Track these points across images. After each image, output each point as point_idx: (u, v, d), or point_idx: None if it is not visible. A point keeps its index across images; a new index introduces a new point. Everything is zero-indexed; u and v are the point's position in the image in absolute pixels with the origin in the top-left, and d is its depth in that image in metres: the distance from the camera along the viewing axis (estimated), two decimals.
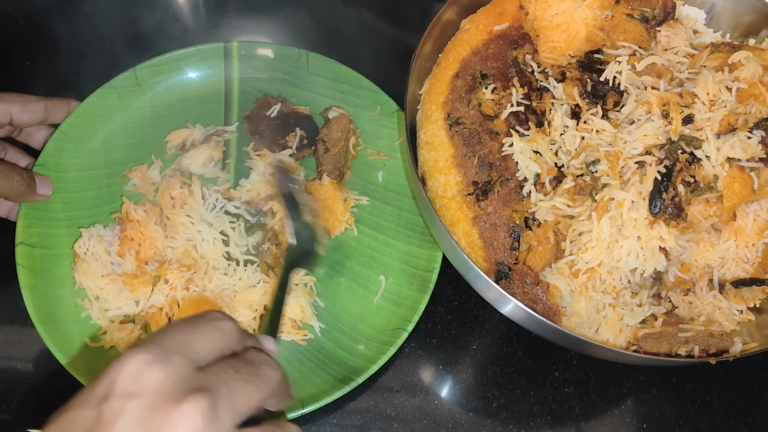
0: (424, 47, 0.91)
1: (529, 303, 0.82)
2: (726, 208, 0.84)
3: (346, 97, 1.12)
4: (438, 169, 0.87)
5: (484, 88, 0.88)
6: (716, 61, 0.91)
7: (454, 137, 0.86)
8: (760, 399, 0.99)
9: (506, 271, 0.83)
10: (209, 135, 1.06)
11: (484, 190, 0.84)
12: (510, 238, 0.83)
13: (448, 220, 0.86)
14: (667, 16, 0.96)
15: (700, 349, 0.81)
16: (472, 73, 0.89)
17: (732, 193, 0.83)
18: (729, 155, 0.83)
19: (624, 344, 0.84)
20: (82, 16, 1.26)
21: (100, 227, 0.97)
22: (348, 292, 1.00)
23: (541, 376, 0.98)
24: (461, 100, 0.88)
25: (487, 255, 0.84)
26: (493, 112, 0.88)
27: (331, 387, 0.90)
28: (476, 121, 0.87)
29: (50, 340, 0.88)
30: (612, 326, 0.84)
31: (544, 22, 0.96)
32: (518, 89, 0.88)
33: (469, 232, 0.84)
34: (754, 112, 0.86)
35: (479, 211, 0.84)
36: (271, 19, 1.31)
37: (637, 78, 0.88)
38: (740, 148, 0.83)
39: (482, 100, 0.88)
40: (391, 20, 1.30)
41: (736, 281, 0.88)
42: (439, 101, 0.89)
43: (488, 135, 0.86)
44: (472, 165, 0.85)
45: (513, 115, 0.87)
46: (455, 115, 0.88)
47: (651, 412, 0.97)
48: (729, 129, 0.85)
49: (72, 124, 1.03)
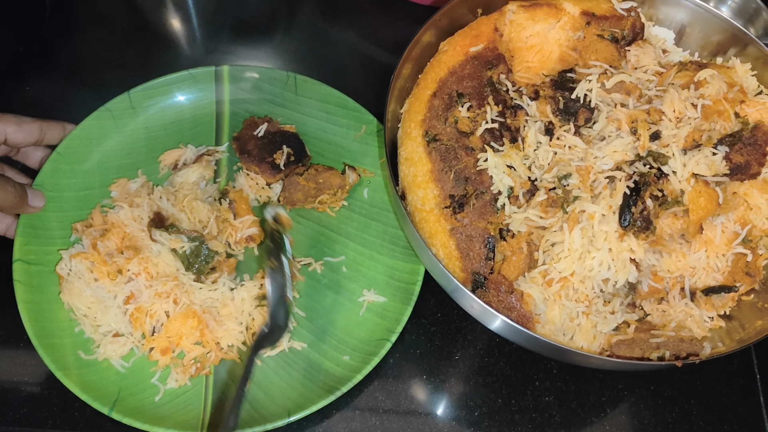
0: (403, 69, 0.96)
1: (504, 311, 0.85)
2: (692, 221, 0.87)
3: (332, 117, 1.16)
4: (417, 183, 0.90)
5: (460, 106, 0.93)
6: (683, 79, 0.95)
7: (432, 153, 0.90)
8: (737, 406, 1.02)
9: (482, 280, 0.87)
10: (200, 155, 1.10)
11: (460, 203, 0.88)
12: (485, 248, 0.87)
13: (427, 233, 0.89)
14: (636, 36, 1.00)
15: (670, 354, 0.84)
16: (448, 93, 0.93)
17: (698, 207, 0.87)
18: (694, 171, 0.87)
19: (598, 350, 0.86)
20: (81, 43, 1.31)
21: (79, 246, 1.00)
22: (335, 305, 1.03)
23: (522, 386, 1.01)
24: (438, 118, 0.92)
25: (464, 265, 0.87)
26: (469, 129, 0.91)
27: (317, 396, 0.92)
28: (453, 137, 0.91)
29: (45, 353, 0.91)
30: (586, 333, 0.86)
31: (519, 44, 1.00)
32: (492, 107, 0.92)
33: (446, 244, 0.88)
34: (719, 129, 0.90)
35: (456, 223, 0.87)
36: (263, 44, 1.36)
37: (607, 95, 0.92)
38: (705, 164, 0.87)
39: (458, 117, 0.92)
40: (377, 43, 1.35)
41: (706, 289, 0.91)
42: (417, 119, 0.93)
43: (464, 151, 0.90)
44: (449, 179, 0.89)
45: (488, 131, 0.91)
46: (433, 132, 0.92)
47: (630, 420, 0.99)
48: (694, 145, 0.89)
49: (68, 146, 1.08)
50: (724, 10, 1.29)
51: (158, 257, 0.98)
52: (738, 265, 0.92)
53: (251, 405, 0.93)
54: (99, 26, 1.34)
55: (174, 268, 0.98)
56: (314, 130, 1.16)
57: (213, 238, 1.02)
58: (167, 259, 0.98)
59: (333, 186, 1.07)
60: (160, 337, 0.95)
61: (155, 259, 0.98)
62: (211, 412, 0.93)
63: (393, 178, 0.90)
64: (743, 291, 0.92)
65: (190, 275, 0.99)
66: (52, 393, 0.96)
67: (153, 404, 0.92)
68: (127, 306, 0.96)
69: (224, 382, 0.95)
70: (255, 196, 1.09)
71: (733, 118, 0.91)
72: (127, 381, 0.94)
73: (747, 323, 0.90)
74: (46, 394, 0.96)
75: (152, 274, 0.97)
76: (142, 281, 0.96)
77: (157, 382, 0.94)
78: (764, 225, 0.93)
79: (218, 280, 0.98)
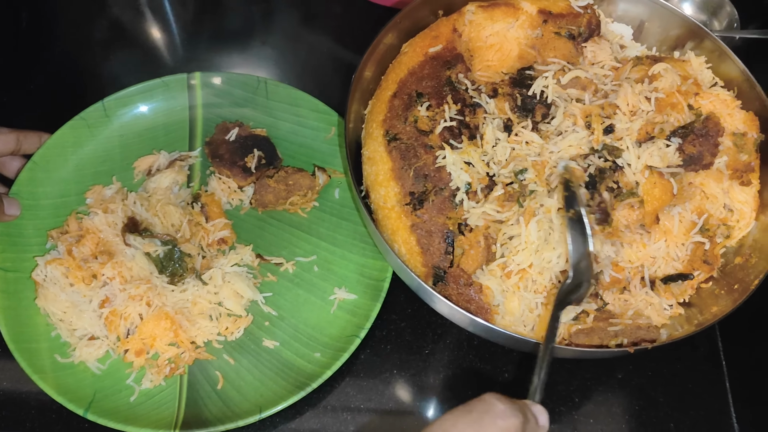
0: (365, 71, 0.98)
1: (463, 303, 0.87)
2: (647, 212, 0.89)
3: (303, 120, 1.18)
4: (378, 182, 0.93)
5: (420, 105, 0.95)
6: (639, 73, 0.97)
7: (392, 152, 0.92)
8: (704, 393, 1.03)
9: (442, 274, 0.89)
10: (173, 160, 1.12)
11: (420, 199, 0.90)
12: (444, 243, 0.89)
13: (390, 230, 0.91)
14: (592, 33, 1.03)
15: (628, 342, 0.86)
16: (408, 93, 0.96)
17: (653, 198, 0.89)
18: (648, 163, 0.89)
19: (557, 340, 0.88)
20: (58, 53, 1.34)
21: (55, 252, 1.02)
22: (306, 303, 1.05)
23: (492, 378, 1.03)
24: (399, 117, 0.94)
25: (425, 260, 0.89)
26: (428, 127, 0.94)
27: (288, 393, 0.95)
28: (412, 136, 0.93)
29: (22, 357, 0.94)
30: (545, 324, 0.88)
31: (479, 43, 1.02)
32: (451, 106, 0.94)
33: (407, 240, 0.90)
34: (672, 121, 0.92)
35: (416, 220, 0.90)
36: (241, 51, 1.38)
37: (563, 91, 0.95)
38: (658, 156, 0.89)
39: (418, 117, 0.94)
40: (350, 47, 1.37)
41: (665, 278, 0.93)
42: (379, 119, 0.95)
43: (423, 149, 0.92)
44: (409, 177, 0.91)
45: (447, 129, 0.93)
46: (393, 132, 0.94)
47: (598, 408, 1.01)
48: (648, 137, 0.91)
49: (44, 155, 1.10)
50: (688, 4, 1.31)
51: (132, 261, 1.01)
52: (696, 254, 0.94)
53: (223, 402, 0.95)
54: (75, 37, 1.37)
55: (147, 272, 1.01)
56: (285, 133, 1.18)
57: (186, 241, 1.04)
58: (141, 262, 1.01)
59: (303, 187, 1.10)
60: (134, 339, 0.97)
61: (129, 263, 1.00)
62: (185, 411, 0.95)
63: (355, 178, 0.93)
64: (702, 279, 0.94)
65: (163, 278, 1.01)
66: (30, 396, 0.98)
67: (128, 405, 0.94)
68: (102, 310, 0.98)
69: (198, 382, 0.98)
70: (227, 199, 1.11)
71: (686, 110, 0.94)
72: (103, 383, 0.96)
73: (705, 310, 0.92)
74: (24, 398, 0.98)
75: (126, 277, 1.00)
76: (117, 285, 0.99)
77: (132, 383, 0.96)
78: (721, 214, 0.95)
79: (186, 281, 1.00)
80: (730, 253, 0.97)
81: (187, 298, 1.00)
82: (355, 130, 0.99)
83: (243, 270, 1.05)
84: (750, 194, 0.96)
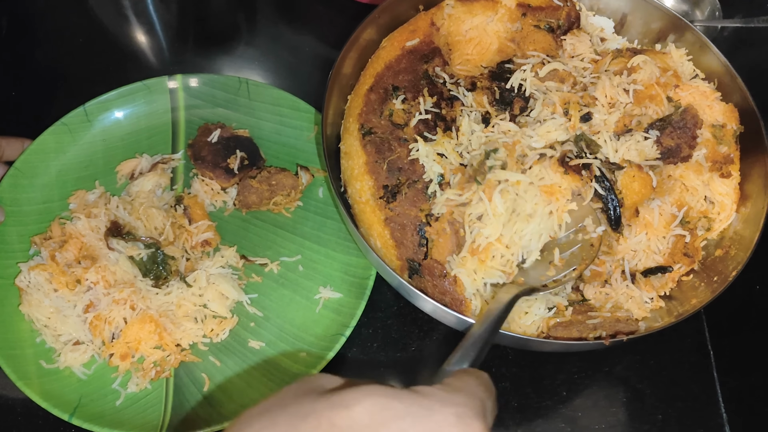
0: (342, 66, 0.98)
1: (438, 295, 0.87)
2: (627, 205, 0.89)
3: (285, 119, 1.18)
4: (354, 176, 0.93)
5: (395, 99, 0.95)
6: (618, 66, 0.97)
7: (367, 146, 0.92)
8: (690, 383, 1.03)
9: (417, 267, 0.89)
10: (155, 163, 1.12)
11: (393, 192, 0.91)
12: (417, 235, 0.89)
13: (366, 223, 0.92)
14: (571, 26, 1.02)
15: (607, 334, 0.86)
16: (384, 87, 0.96)
17: (632, 192, 0.88)
18: (626, 157, 0.89)
19: (535, 333, 0.88)
20: (40, 59, 1.34)
21: (38, 258, 1.02)
22: (291, 303, 1.05)
23: None
24: (374, 111, 0.95)
25: (399, 253, 0.90)
26: (403, 120, 0.94)
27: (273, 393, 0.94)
28: (387, 130, 0.94)
29: (6, 364, 0.93)
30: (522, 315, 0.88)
31: (458, 37, 1.02)
32: (426, 98, 0.94)
33: (382, 233, 0.90)
34: (650, 113, 0.92)
35: (389, 213, 0.90)
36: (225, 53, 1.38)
37: (541, 84, 0.94)
38: (636, 149, 0.89)
39: (393, 110, 0.94)
40: (333, 45, 1.37)
41: (645, 270, 0.93)
42: (355, 114, 0.96)
43: (397, 142, 0.92)
44: (383, 170, 0.91)
45: (422, 122, 0.93)
46: (368, 126, 0.94)
47: (584, 401, 1.01)
48: (625, 130, 0.90)
49: (26, 161, 1.10)
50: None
51: (116, 265, 1.00)
52: (677, 247, 0.93)
53: (210, 404, 0.95)
54: (57, 42, 1.37)
55: (131, 275, 1.01)
56: (268, 134, 1.18)
57: (170, 244, 1.04)
58: (124, 266, 1.01)
59: (286, 187, 1.09)
60: (119, 343, 0.97)
61: (113, 267, 1.00)
62: (171, 414, 0.95)
63: (332, 173, 0.93)
64: (683, 272, 0.94)
65: (147, 281, 1.01)
66: (16, 402, 0.98)
67: (114, 409, 0.94)
68: (86, 314, 0.98)
69: (184, 384, 0.98)
70: (210, 201, 1.11)
71: (665, 103, 0.93)
72: (89, 387, 0.96)
73: (686, 302, 0.92)
74: (10, 404, 0.98)
75: (110, 282, 0.99)
76: (101, 289, 0.99)
77: (118, 387, 0.96)
78: (702, 206, 0.95)
79: (170, 283, 1.00)
80: (711, 245, 0.97)
81: (171, 300, 1.00)
82: (335, 126, 0.99)
83: (227, 271, 1.05)
84: (730, 186, 0.95)
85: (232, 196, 1.11)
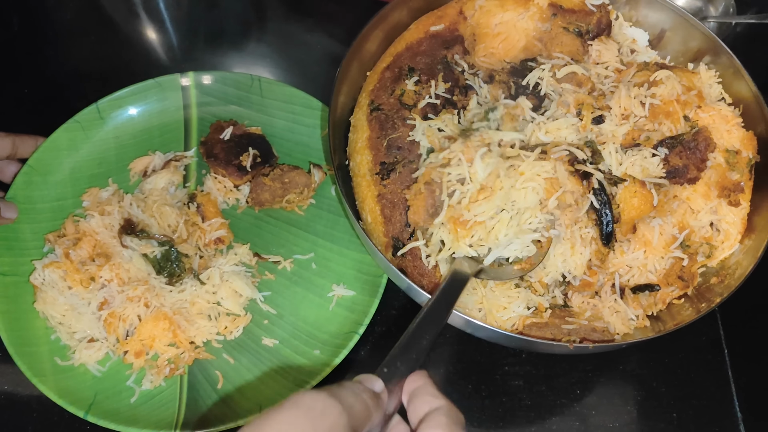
0: (365, 42, 0.99)
1: (417, 277, 0.87)
2: (623, 220, 0.88)
3: (298, 117, 1.18)
4: (357, 149, 0.94)
5: (408, 79, 0.95)
6: (641, 78, 0.95)
7: (372, 121, 0.93)
8: (704, 381, 1.03)
9: (401, 246, 0.90)
10: (168, 161, 1.12)
11: (389, 170, 0.91)
12: (405, 215, 0.90)
13: (360, 197, 0.93)
14: (601, 32, 1.01)
15: (573, 339, 0.85)
16: (400, 66, 0.97)
17: (630, 207, 0.87)
18: (629, 171, 0.88)
19: (509, 329, 0.88)
20: (51, 56, 1.34)
21: (52, 256, 1.03)
22: (305, 301, 1.05)
23: (492, 371, 1.02)
24: (386, 89, 0.96)
25: (386, 230, 0.90)
26: (413, 102, 0.95)
27: (288, 391, 0.95)
28: (393, 108, 0.94)
29: (22, 361, 0.94)
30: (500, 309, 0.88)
31: (486, 29, 1.02)
32: (439, 83, 0.95)
33: (373, 209, 0.91)
34: (663, 130, 0.90)
35: (382, 190, 0.91)
36: (236, 50, 1.38)
37: (557, 85, 0.94)
38: (639, 165, 0.88)
39: (405, 90, 0.95)
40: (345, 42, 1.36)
41: (634, 287, 0.91)
42: (369, 89, 0.97)
43: (401, 121, 0.93)
44: (382, 147, 0.92)
45: (430, 105, 0.93)
46: (377, 102, 0.95)
47: (599, 400, 1.01)
48: (632, 143, 0.89)
49: (39, 158, 1.10)
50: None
51: (129, 263, 1.01)
52: (674, 269, 0.91)
53: (224, 402, 0.95)
54: (68, 39, 1.37)
55: (145, 273, 1.01)
56: (281, 131, 1.18)
57: (183, 242, 1.04)
58: (138, 264, 1.01)
59: (299, 185, 1.09)
60: (133, 341, 0.97)
61: (126, 265, 1.00)
62: (185, 411, 0.95)
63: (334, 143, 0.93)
64: (675, 295, 0.92)
65: (161, 279, 1.01)
66: (31, 399, 0.98)
67: (128, 406, 0.95)
68: (100, 312, 0.98)
69: (198, 382, 0.98)
70: (223, 198, 1.11)
71: (681, 121, 0.92)
72: (104, 384, 0.96)
73: (670, 323, 0.89)
74: (26, 401, 0.98)
75: (124, 279, 1.00)
76: (115, 287, 0.99)
77: (132, 384, 0.96)
78: (706, 232, 0.93)
79: (184, 281, 1.00)
80: (709, 273, 0.94)
81: (185, 298, 1.00)
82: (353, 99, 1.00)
83: (241, 269, 1.05)
84: (738, 216, 0.93)
85: (245, 194, 1.11)
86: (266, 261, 1.07)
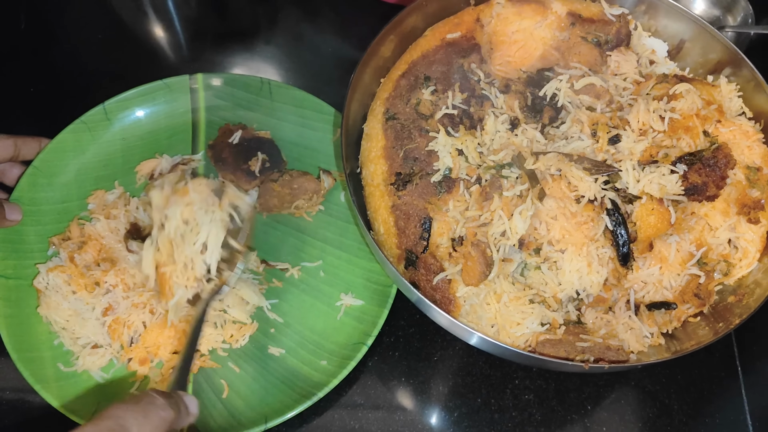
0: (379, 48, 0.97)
1: (430, 291, 0.86)
2: (640, 239, 0.86)
3: (308, 122, 1.16)
4: (371, 158, 0.93)
5: (425, 88, 0.93)
6: (660, 91, 0.93)
7: (387, 131, 0.92)
8: (718, 399, 1.01)
9: (414, 258, 0.88)
10: (176, 164, 1.10)
11: (405, 181, 0.90)
12: (420, 228, 0.88)
13: (372, 207, 0.91)
14: (620, 43, 0.99)
15: (588, 359, 0.83)
16: (416, 75, 0.95)
17: (647, 225, 0.86)
18: (646, 189, 0.86)
19: (523, 346, 0.86)
20: (58, 55, 1.32)
21: (57, 259, 1.01)
22: (312, 310, 1.03)
23: (502, 385, 1.01)
24: (402, 97, 0.94)
25: (400, 242, 0.89)
26: (429, 111, 0.93)
27: (294, 402, 0.93)
28: (410, 117, 0.93)
29: (24, 367, 0.92)
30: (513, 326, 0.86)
31: (503, 37, 1.00)
32: (456, 93, 0.93)
33: (387, 220, 0.90)
34: (682, 145, 0.88)
35: (397, 201, 0.89)
36: (245, 51, 1.36)
37: (575, 96, 0.92)
38: (657, 183, 0.86)
39: (421, 99, 0.93)
40: (356, 46, 1.35)
41: (650, 304, 0.89)
42: (383, 97, 0.95)
43: (418, 132, 0.91)
44: (398, 157, 0.90)
45: (447, 116, 0.92)
46: (392, 111, 0.94)
47: (611, 416, 0.99)
48: (650, 160, 0.87)
49: (44, 160, 1.08)
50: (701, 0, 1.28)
51: (135, 268, 0.99)
52: (690, 286, 0.89)
53: (228, 411, 0.94)
54: (75, 38, 1.35)
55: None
56: (290, 136, 1.16)
57: None
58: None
59: (308, 191, 1.08)
60: (138, 348, 0.96)
61: (132, 270, 0.99)
62: None
63: (346, 152, 0.92)
64: (691, 313, 0.90)
65: None
66: (33, 405, 0.96)
67: None
68: (105, 318, 0.97)
69: (203, 390, 0.96)
70: None
71: (701, 136, 0.90)
72: (107, 391, 0.95)
73: (687, 344, 0.88)
74: (27, 407, 0.97)
75: (129, 285, 0.98)
76: (120, 292, 0.97)
77: (136, 392, 0.95)
78: (724, 249, 0.91)
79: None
80: (726, 291, 0.93)
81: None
82: (364, 106, 0.99)
83: (248, 276, 1.03)
84: (758, 234, 0.91)
85: (253, 199, 1.09)
86: (274, 268, 1.05)
